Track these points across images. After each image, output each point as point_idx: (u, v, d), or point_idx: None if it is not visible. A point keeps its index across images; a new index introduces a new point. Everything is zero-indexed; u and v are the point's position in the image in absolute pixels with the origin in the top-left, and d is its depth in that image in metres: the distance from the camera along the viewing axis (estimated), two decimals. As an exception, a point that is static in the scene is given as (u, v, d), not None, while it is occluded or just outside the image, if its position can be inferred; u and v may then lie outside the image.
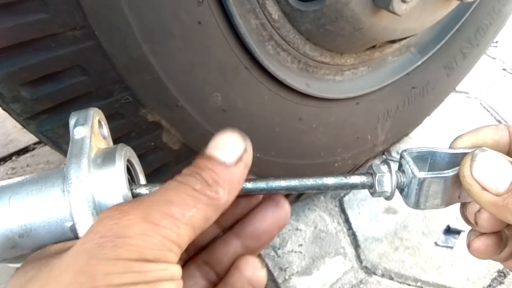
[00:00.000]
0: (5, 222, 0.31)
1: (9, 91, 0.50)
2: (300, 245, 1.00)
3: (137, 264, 0.25)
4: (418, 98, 1.04)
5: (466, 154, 0.33)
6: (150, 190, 0.33)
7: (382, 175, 0.34)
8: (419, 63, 0.96)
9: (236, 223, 0.37)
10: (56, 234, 0.31)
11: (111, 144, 0.39)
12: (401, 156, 0.35)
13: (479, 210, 0.36)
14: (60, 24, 0.47)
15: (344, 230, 1.04)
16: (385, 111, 0.97)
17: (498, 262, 0.39)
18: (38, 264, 0.28)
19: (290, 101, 0.75)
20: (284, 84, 0.72)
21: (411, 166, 0.33)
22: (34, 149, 1.21)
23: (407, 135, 1.21)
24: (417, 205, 0.34)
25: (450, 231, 1.04)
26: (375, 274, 0.96)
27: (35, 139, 1.21)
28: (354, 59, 0.84)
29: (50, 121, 0.54)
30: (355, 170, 1.02)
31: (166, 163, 0.67)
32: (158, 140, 0.63)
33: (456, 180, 0.33)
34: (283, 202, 0.36)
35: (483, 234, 0.37)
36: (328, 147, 0.89)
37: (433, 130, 1.30)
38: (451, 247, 1.01)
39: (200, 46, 0.58)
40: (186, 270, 0.36)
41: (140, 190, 0.33)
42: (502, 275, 0.97)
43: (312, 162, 0.87)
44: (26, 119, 0.53)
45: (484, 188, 0.30)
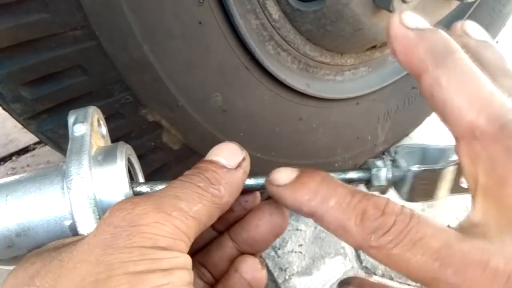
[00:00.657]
0: (2, 220, 0.31)
1: (9, 91, 0.50)
2: (300, 245, 1.00)
3: (152, 251, 0.25)
4: (418, 98, 1.04)
5: (453, 149, 0.35)
6: (150, 188, 0.33)
7: (378, 170, 0.35)
8: (419, 63, 0.95)
9: (232, 226, 0.37)
10: (55, 233, 0.31)
11: (109, 143, 0.39)
12: (394, 152, 0.36)
13: None
14: (61, 24, 0.47)
15: (344, 230, 1.04)
16: (385, 111, 0.97)
17: None
18: (39, 259, 0.27)
19: (290, 101, 0.75)
20: (284, 84, 0.72)
21: (406, 160, 0.35)
22: (34, 149, 1.21)
23: (407, 135, 1.21)
24: (410, 197, 0.35)
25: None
26: (375, 274, 0.96)
27: (35, 139, 1.21)
28: (354, 59, 0.84)
29: (50, 121, 0.54)
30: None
31: (166, 163, 0.67)
32: (158, 140, 0.63)
33: (448, 173, 0.34)
34: (280, 208, 0.36)
35: None
36: (328, 147, 0.89)
37: (433, 130, 1.30)
38: (451, 247, 1.01)
39: (201, 46, 0.59)
40: None
41: (141, 188, 0.33)
42: (502, 275, 0.97)
43: (312, 162, 0.87)
44: (27, 119, 0.53)
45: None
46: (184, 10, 0.54)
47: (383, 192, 0.36)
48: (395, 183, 0.36)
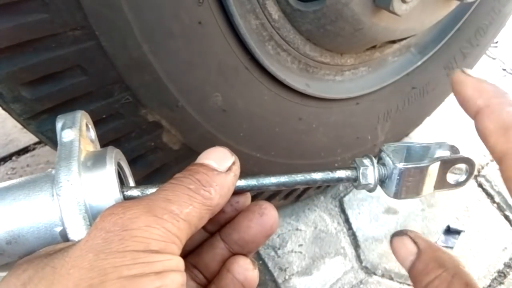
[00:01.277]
0: None
1: (9, 91, 0.50)
2: (300, 245, 1.00)
3: (144, 255, 0.26)
4: (418, 98, 1.04)
5: (437, 146, 0.36)
6: (141, 192, 0.33)
7: (365, 168, 0.36)
8: (419, 63, 0.96)
9: (223, 227, 0.38)
10: (45, 239, 0.31)
11: (98, 148, 0.39)
12: (380, 150, 0.37)
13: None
14: (61, 24, 0.47)
15: (344, 230, 1.04)
16: (385, 111, 0.97)
17: None
18: (31, 266, 0.27)
19: (290, 101, 0.75)
20: (284, 84, 0.72)
21: (392, 158, 0.35)
22: (34, 149, 1.21)
23: (407, 135, 1.21)
24: (397, 195, 0.36)
25: (450, 231, 1.04)
26: (375, 274, 0.96)
27: (35, 139, 1.21)
28: (354, 59, 0.84)
29: (50, 121, 0.54)
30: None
31: (166, 163, 0.67)
32: (158, 140, 0.63)
33: (433, 170, 0.35)
34: (270, 209, 0.36)
35: None
36: (328, 147, 0.89)
37: (433, 130, 1.30)
38: (451, 247, 1.01)
39: (200, 46, 0.59)
40: None
41: (132, 193, 0.33)
42: (502, 275, 0.97)
43: (312, 162, 0.87)
44: (26, 119, 0.53)
45: None
46: (184, 10, 0.54)
47: (371, 190, 0.37)
48: (382, 181, 0.36)
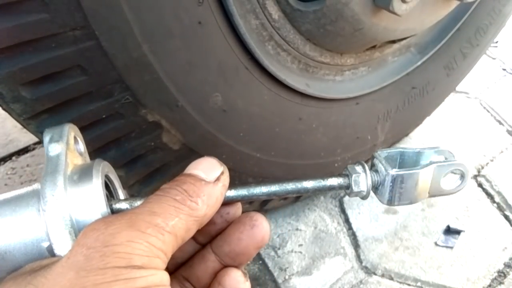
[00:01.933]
0: None
1: (9, 91, 0.50)
2: (300, 245, 1.00)
3: (126, 271, 0.25)
4: (418, 98, 1.04)
5: (431, 152, 0.36)
6: (130, 204, 0.33)
7: (357, 176, 0.35)
8: (419, 63, 0.96)
9: (214, 239, 0.37)
10: (33, 255, 0.31)
11: (88, 161, 0.38)
12: (373, 157, 0.37)
13: None
14: (60, 24, 0.47)
15: (344, 230, 1.04)
16: (385, 111, 0.97)
17: None
18: (15, 284, 0.27)
19: (290, 101, 0.75)
20: (284, 84, 0.72)
21: (384, 165, 0.35)
22: (34, 149, 1.21)
23: (407, 135, 1.21)
24: (390, 201, 0.35)
25: (450, 231, 1.04)
26: (375, 274, 0.96)
27: (35, 139, 1.21)
28: (354, 59, 0.84)
29: (50, 121, 0.54)
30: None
31: (166, 163, 0.67)
32: (158, 140, 0.63)
33: (426, 176, 0.35)
34: (261, 221, 0.36)
35: None
36: (328, 147, 0.89)
37: (433, 130, 1.30)
38: (451, 247, 1.01)
39: (200, 46, 0.59)
40: None
41: (120, 205, 0.33)
42: (502, 275, 0.97)
43: (312, 162, 0.87)
44: (26, 119, 0.53)
45: None
46: (184, 10, 0.54)
47: (364, 197, 0.36)
48: (375, 188, 0.36)
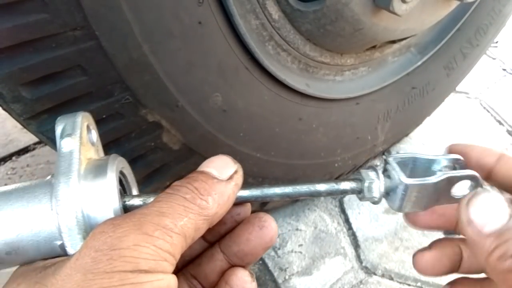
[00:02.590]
0: None
1: (9, 91, 0.50)
2: (300, 245, 1.00)
3: (133, 275, 0.25)
4: (418, 99, 1.04)
5: (445, 159, 0.37)
6: (143, 201, 0.33)
7: (371, 182, 0.35)
8: (419, 63, 0.96)
9: (222, 238, 0.37)
10: (45, 251, 0.31)
11: (100, 149, 0.38)
12: (386, 162, 0.37)
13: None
14: (60, 24, 0.47)
15: (344, 230, 1.04)
16: (385, 111, 0.97)
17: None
18: (25, 281, 0.27)
19: (290, 101, 0.75)
20: (284, 84, 0.72)
21: (398, 172, 0.35)
22: (34, 149, 1.21)
23: (407, 135, 1.21)
24: (400, 208, 0.35)
25: (450, 231, 1.04)
26: (375, 274, 0.96)
27: (35, 139, 1.21)
28: (354, 59, 0.84)
29: (50, 121, 0.54)
30: (355, 171, 1.02)
31: (166, 163, 0.67)
32: (158, 140, 0.63)
33: (438, 186, 0.35)
34: (270, 222, 0.36)
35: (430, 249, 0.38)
36: (328, 147, 0.89)
37: (433, 131, 1.30)
38: (451, 247, 1.01)
39: (200, 46, 0.59)
40: None
41: (133, 202, 0.33)
42: (502, 275, 0.97)
43: (312, 162, 0.87)
44: (27, 119, 0.53)
45: (471, 223, 0.32)
46: (184, 10, 0.54)
47: (375, 203, 0.36)
48: (386, 193, 0.36)
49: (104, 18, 0.49)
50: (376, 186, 0.35)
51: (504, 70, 1.62)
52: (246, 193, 0.34)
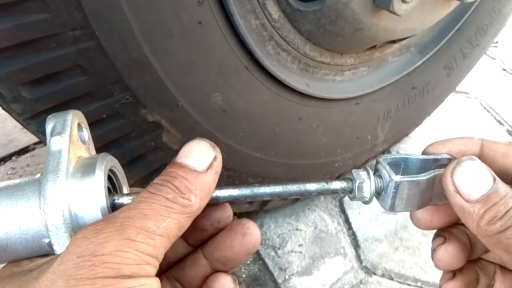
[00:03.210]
0: None
1: (9, 91, 0.50)
2: (300, 245, 1.00)
3: (115, 281, 0.25)
4: (418, 98, 1.04)
5: (435, 159, 0.37)
6: (132, 199, 0.33)
7: (362, 182, 0.35)
8: (419, 63, 0.96)
9: (206, 243, 0.38)
10: (34, 249, 0.31)
11: (92, 147, 0.38)
12: (377, 162, 0.37)
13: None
14: (60, 24, 0.47)
15: (344, 230, 1.04)
16: (385, 111, 0.97)
17: None
18: (11, 283, 0.27)
19: (290, 101, 0.75)
20: (284, 84, 0.72)
21: (388, 171, 0.35)
22: (34, 149, 1.21)
23: (407, 135, 1.21)
24: (393, 208, 0.35)
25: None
26: (375, 274, 0.96)
27: (35, 139, 1.21)
28: (354, 59, 0.84)
29: (50, 121, 0.54)
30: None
31: (166, 163, 0.66)
32: (158, 140, 0.63)
33: (429, 183, 0.35)
34: (253, 229, 0.36)
35: (448, 242, 0.38)
36: (328, 147, 0.89)
37: (433, 130, 1.30)
38: (451, 247, 1.01)
39: (200, 46, 0.58)
40: None
41: (122, 200, 0.33)
42: (502, 275, 0.97)
43: (312, 162, 0.87)
44: (27, 119, 0.53)
45: (457, 192, 0.32)
46: (184, 10, 0.54)
47: (366, 203, 0.36)
48: (377, 193, 0.36)
49: (104, 18, 0.49)
50: (366, 186, 0.35)
51: (504, 70, 1.62)
52: (236, 192, 0.34)
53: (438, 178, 0.35)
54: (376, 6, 0.68)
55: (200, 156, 0.32)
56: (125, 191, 0.38)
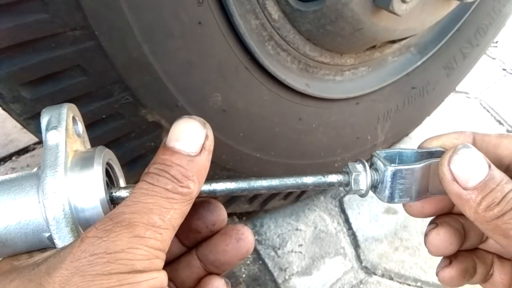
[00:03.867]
0: None
1: (9, 91, 0.50)
2: (300, 245, 1.00)
3: (129, 276, 0.27)
4: (418, 98, 1.04)
5: (429, 152, 0.37)
6: (129, 192, 0.33)
7: (358, 174, 0.36)
8: (419, 63, 0.96)
9: (200, 245, 0.38)
10: (34, 243, 0.31)
11: (86, 140, 0.38)
12: (372, 156, 0.37)
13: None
14: (60, 24, 0.47)
15: (344, 230, 1.04)
16: (385, 111, 0.97)
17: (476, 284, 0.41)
18: (19, 277, 0.28)
19: (290, 101, 0.75)
20: (284, 84, 0.72)
21: (383, 161, 0.35)
22: (34, 149, 1.21)
23: (407, 135, 1.21)
24: (390, 198, 0.35)
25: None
26: (375, 274, 0.96)
27: (35, 139, 1.21)
28: (354, 59, 0.84)
29: (50, 121, 0.54)
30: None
31: (166, 163, 0.67)
32: (158, 140, 0.63)
33: (425, 172, 0.35)
34: (247, 234, 0.37)
35: (441, 229, 0.39)
36: (328, 147, 0.89)
37: (433, 130, 1.30)
38: (451, 247, 1.01)
39: (200, 46, 0.59)
40: None
41: (120, 193, 0.33)
42: (502, 275, 0.97)
43: (312, 162, 0.87)
44: (26, 119, 0.53)
45: (455, 179, 0.32)
46: (183, 10, 0.54)
47: (362, 196, 0.37)
48: (374, 187, 0.36)
49: (104, 18, 0.49)
50: (363, 178, 0.36)
51: (504, 70, 1.62)
52: (233, 185, 0.34)
53: (433, 169, 0.35)
54: (376, 6, 0.68)
55: (191, 137, 0.32)
56: (121, 184, 0.38)
